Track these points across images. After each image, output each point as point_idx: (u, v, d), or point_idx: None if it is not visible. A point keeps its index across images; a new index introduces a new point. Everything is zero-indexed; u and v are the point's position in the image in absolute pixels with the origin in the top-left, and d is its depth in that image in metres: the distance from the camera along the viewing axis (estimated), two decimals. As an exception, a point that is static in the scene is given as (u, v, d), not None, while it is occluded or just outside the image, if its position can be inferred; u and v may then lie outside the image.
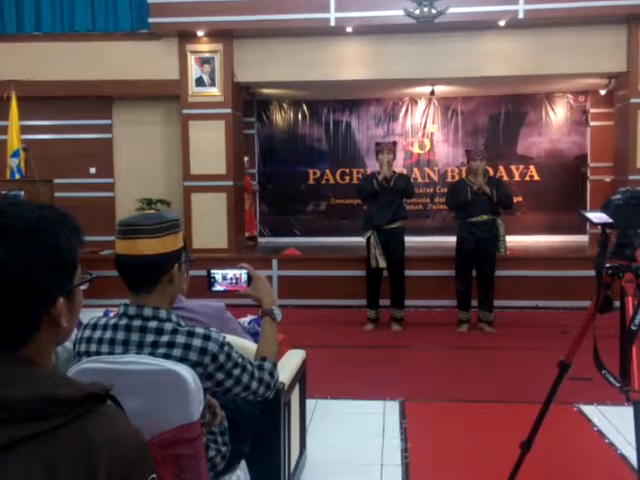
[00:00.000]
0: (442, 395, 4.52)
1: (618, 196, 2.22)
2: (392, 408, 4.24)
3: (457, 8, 7.57)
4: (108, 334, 1.87)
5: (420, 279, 7.49)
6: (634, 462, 2.34)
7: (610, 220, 2.20)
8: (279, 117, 10.31)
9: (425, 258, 7.93)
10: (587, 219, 2.27)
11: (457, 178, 9.27)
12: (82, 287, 1.12)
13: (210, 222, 8.26)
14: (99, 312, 2.68)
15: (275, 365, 2.09)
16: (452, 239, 6.88)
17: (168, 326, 1.84)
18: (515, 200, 9.88)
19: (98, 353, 1.85)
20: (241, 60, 8.24)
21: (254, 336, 2.85)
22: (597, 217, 2.23)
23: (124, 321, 1.87)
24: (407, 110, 10.17)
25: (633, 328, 2.09)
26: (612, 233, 2.29)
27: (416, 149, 10.19)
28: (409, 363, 5.39)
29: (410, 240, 9.58)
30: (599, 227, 2.27)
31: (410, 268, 7.40)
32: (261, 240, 10.13)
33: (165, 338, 1.82)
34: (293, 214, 10.29)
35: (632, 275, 2.17)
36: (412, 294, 7.34)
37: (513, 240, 9.09)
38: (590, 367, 2.31)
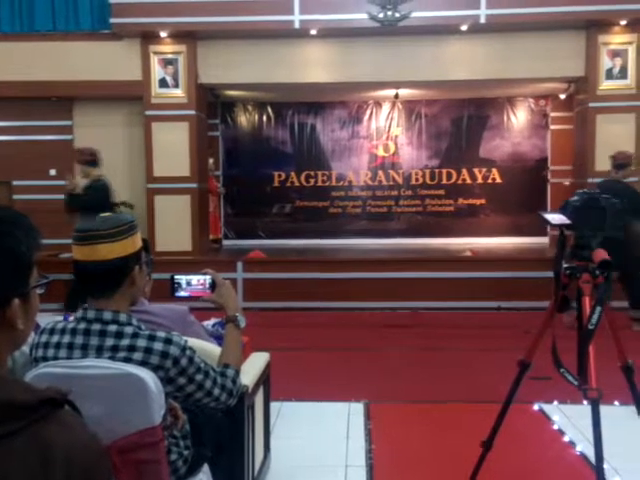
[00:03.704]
0: (406, 396, 4.55)
1: (576, 198, 2.27)
2: (357, 410, 4.25)
3: (420, 12, 7.64)
4: (66, 338, 1.84)
5: (383, 281, 7.54)
6: (593, 459, 2.38)
7: (568, 221, 2.25)
8: (244, 119, 10.27)
9: (390, 260, 7.98)
10: (546, 220, 2.31)
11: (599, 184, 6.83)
12: (38, 290, 1.11)
13: (174, 225, 8.19)
14: (59, 316, 2.64)
15: (238, 373, 2.08)
16: (417, 241, 6.94)
17: (128, 330, 1.82)
18: (478, 202, 10.08)
19: (56, 358, 1.82)
20: (205, 61, 8.19)
21: (218, 339, 2.83)
22: (555, 219, 2.27)
23: (83, 325, 1.83)
24: (372, 113, 10.23)
25: (590, 327, 2.13)
26: (571, 234, 2.34)
27: (380, 152, 10.25)
28: (373, 365, 5.41)
29: (375, 242, 9.71)
30: (557, 228, 2.32)
31: (375, 270, 7.45)
32: (226, 243, 10.08)
33: (125, 342, 1.80)
34: (258, 216, 10.26)
35: (589, 275, 2.22)
36: (377, 296, 7.40)
37: (476, 242, 9.24)
38: (551, 366, 2.35)
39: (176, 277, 2.23)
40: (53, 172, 8.73)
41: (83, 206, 6.06)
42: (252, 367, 2.96)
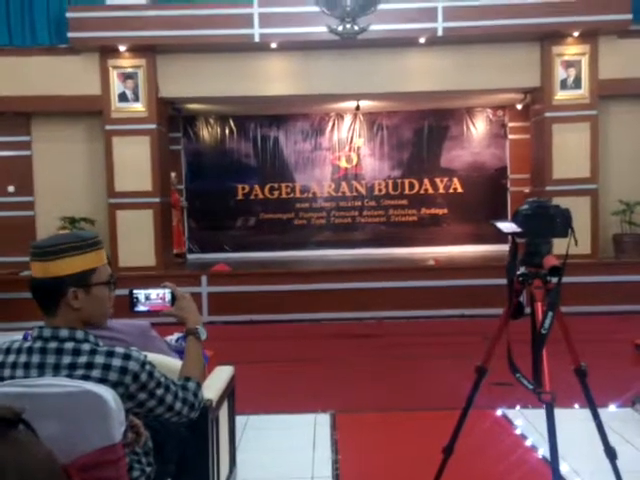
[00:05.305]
0: (372, 405, 4.57)
1: (526, 206, 2.33)
2: (323, 421, 4.26)
3: (379, 25, 7.73)
4: (22, 358, 1.81)
5: (348, 292, 7.58)
6: (552, 461, 2.43)
7: (519, 229, 2.31)
8: (206, 133, 10.26)
9: (354, 271, 8.03)
10: (498, 229, 2.37)
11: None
12: None
13: (137, 240, 8.12)
14: (19, 335, 2.60)
15: (199, 385, 2.07)
16: (381, 251, 7.00)
17: (86, 347, 1.80)
18: (440, 212, 10.21)
19: (12, 378, 1.78)
20: (165, 75, 8.17)
21: (181, 354, 2.82)
22: (507, 227, 2.33)
23: (39, 344, 1.81)
24: (334, 125, 10.31)
25: (543, 332, 2.19)
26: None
27: (343, 163, 10.34)
28: (339, 375, 5.42)
29: (339, 253, 9.77)
30: (509, 236, 2.38)
31: (340, 281, 7.49)
32: (190, 256, 10.02)
33: (83, 359, 1.78)
34: (222, 230, 10.24)
35: (540, 281, 2.27)
36: (342, 306, 7.43)
37: (438, 251, 9.35)
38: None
39: (135, 291, 2.21)
40: (12, 188, 8.60)
41: None
42: (216, 381, 2.95)
